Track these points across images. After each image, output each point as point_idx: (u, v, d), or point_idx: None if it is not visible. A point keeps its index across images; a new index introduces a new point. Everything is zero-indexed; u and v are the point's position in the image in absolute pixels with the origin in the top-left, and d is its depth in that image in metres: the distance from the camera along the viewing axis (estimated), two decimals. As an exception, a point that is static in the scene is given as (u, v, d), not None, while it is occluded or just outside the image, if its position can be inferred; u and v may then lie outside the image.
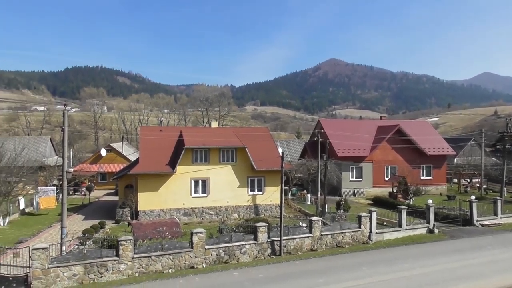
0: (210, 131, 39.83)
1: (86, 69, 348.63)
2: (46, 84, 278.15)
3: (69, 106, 23.43)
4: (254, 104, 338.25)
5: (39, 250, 18.66)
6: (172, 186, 33.66)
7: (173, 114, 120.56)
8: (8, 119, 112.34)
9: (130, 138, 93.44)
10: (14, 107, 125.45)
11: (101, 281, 19.48)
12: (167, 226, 25.97)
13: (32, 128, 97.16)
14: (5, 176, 33.62)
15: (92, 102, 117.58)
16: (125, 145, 62.37)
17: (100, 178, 56.54)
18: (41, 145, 57.53)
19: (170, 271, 21.02)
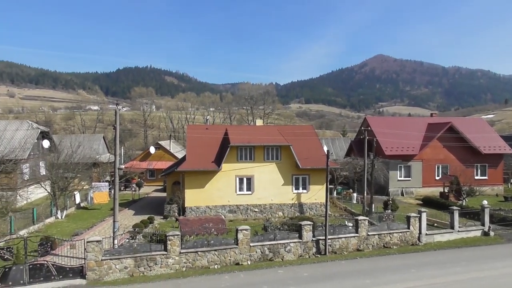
0: (255, 129, 40.04)
1: (136, 70, 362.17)
2: (99, 84, 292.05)
3: (120, 105, 24.53)
4: (298, 102, 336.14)
5: (93, 242, 19.63)
6: (218, 183, 34.21)
7: (218, 112, 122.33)
8: (65, 118, 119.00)
9: (177, 136, 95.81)
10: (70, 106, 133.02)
11: (150, 274, 20.18)
12: (213, 222, 26.45)
13: (87, 126, 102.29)
14: (62, 172, 35.67)
15: (141, 101, 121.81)
16: (172, 143, 64.11)
17: (149, 175, 58.50)
18: (95, 143, 60.46)
19: (216, 266, 21.38)
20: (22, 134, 42.44)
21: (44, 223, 32.11)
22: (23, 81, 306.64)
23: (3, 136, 36.55)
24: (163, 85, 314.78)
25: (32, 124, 46.42)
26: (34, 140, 42.79)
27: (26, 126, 44.64)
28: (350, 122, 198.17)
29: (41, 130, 46.17)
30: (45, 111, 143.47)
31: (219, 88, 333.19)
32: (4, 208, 29.92)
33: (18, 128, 43.66)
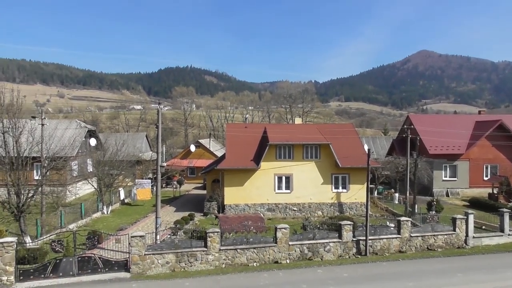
0: (294, 128, 39.87)
1: (177, 70, 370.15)
2: (142, 84, 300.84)
3: (162, 104, 25.23)
4: (338, 100, 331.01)
5: (137, 237, 20.30)
6: (257, 182, 34.37)
7: (257, 111, 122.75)
8: (110, 117, 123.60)
9: (217, 134, 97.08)
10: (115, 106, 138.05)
11: (191, 270, 20.61)
12: (252, 220, 26.62)
13: (130, 125, 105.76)
14: (108, 169, 37.14)
15: (182, 101, 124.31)
16: (212, 141, 65.05)
17: (189, 173, 59.68)
18: (138, 141, 62.42)
19: (255, 264, 21.52)
20: (71, 132, 44.53)
21: (91, 217, 33.57)
22: (72, 82, 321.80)
23: (54, 134, 38.46)
24: (203, 84, 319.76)
25: (80, 123, 48.63)
26: (82, 139, 44.83)
27: (75, 125, 46.80)
28: (391, 120, 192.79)
29: (89, 129, 48.27)
30: (92, 111, 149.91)
31: (258, 86, 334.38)
32: (55, 203, 31.48)
33: (68, 127, 45.83)
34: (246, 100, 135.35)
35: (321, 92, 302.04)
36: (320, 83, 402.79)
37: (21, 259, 20.11)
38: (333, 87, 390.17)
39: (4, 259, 18.73)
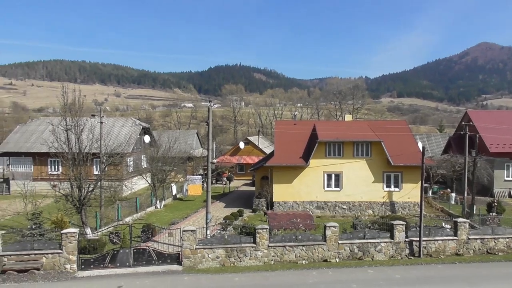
0: (344, 125, 39.16)
1: (226, 68, 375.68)
2: (193, 83, 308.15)
3: (212, 102, 25.68)
4: (390, 96, 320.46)
5: (189, 232, 20.92)
6: (305, 179, 34.17)
7: (306, 108, 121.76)
8: (163, 115, 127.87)
9: (266, 131, 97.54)
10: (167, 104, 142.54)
11: (240, 265, 20.92)
12: (300, 218, 26.54)
13: (182, 123, 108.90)
14: (161, 165, 38.52)
15: (231, 98, 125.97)
16: (261, 138, 65.42)
17: (238, 169, 60.48)
18: (189, 138, 64.16)
19: (303, 262, 21.45)
20: (127, 130, 46.62)
21: (145, 211, 35.00)
22: (127, 82, 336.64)
23: (112, 132, 40.46)
24: (252, 82, 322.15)
25: (135, 121, 50.78)
26: (137, 136, 46.81)
27: (130, 123, 48.94)
28: (447, 116, 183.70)
29: (143, 126, 50.28)
30: (146, 109, 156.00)
31: (306, 83, 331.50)
32: (113, 196, 33.16)
33: (124, 124, 48.04)
34: (295, 97, 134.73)
35: (372, 88, 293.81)
36: (371, 79, 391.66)
37: (83, 249, 21.37)
38: (385, 82, 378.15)
39: (68, 249, 20.03)
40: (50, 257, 20.10)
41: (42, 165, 44.88)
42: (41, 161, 44.28)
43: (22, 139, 47.36)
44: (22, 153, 45.77)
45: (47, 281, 18.89)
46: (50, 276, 19.41)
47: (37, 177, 44.25)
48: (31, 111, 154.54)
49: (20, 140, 47.21)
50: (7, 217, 31.61)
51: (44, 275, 19.48)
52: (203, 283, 18.60)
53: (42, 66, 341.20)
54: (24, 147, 45.99)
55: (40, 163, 44.78)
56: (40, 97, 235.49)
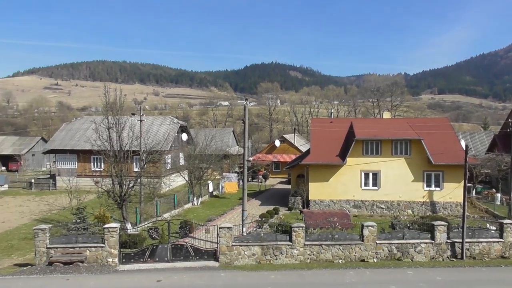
0: (382, 122, 38.30)
1: (262, 66, 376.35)
2: (229, 81, 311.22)
3: (248, 100, 26.04)
4: (431, 92, 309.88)
5: (225, 229, 21.16)
6: (342, 178, 33.71)
7: (342, 105, 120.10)
8: (200, 113, 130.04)
9: (301, 129, 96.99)
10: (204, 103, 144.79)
11: (276, 263, 20.94)
12: (337, 216, 26.23)
13: (218, 121, 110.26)
14: (198, 163, 39.17)
15: (267, 96, 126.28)
16: (296, 136, 65.12)
17: (274, 167, 60.45)
18: (225, 136, 64.84)
19: (340, 261, 21.19)
20: (165, 128, 47.72)
21: (183, 208, 35.72)
22: (165, 81, 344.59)
23: (151, 130, 41.56)
24: (287, 79, 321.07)
25: (173, 119, 51.91)
26: (175, 134, 47.84)
27: (169, 121, 50.08)
28: (492, 113, 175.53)
29: (181, 124, 51.32)
30: (183, 107, 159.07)
31: (343, 80, 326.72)
32: (151, 193, 34.11)
33: (162, 123, 49.22)
34: (331, 95, 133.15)
35: (412, 85, 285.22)
36: (410, 75, 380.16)
37: (123, 244, 22.09)
38: (425, 79, 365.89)
39: (110, 243, 20.77)
40: (93, 250, 20.92)
41: (86, 162, 46.81)
42: (85, 158, 46.15)
43: (67, 137, 49.54)
44: (67, 151, 47.88)
45: (91, 273, 19.69)
46: (94, 268, 20.21)
47: (81, 174, 46.21)
48: (75, 110, 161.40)
49: (65, 138, 49.40)
50: (53, 211, 33.25)
51: (88, 267, 20.31)
52: (239, 279, 18.77)
53: (85, 67, 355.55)
54: (69, 145, 48.08)
55: (83, 160, 46.71)
56: (83, 97, 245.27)
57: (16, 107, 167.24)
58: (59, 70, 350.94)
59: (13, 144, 70.27)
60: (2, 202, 40.99)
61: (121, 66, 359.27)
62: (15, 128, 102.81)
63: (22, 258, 23.04)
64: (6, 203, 40.27)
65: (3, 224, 31.80)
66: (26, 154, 68.21)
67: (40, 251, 20.80)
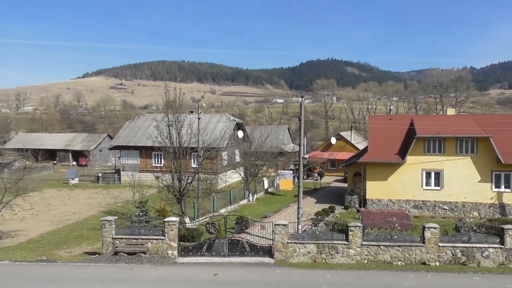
0: (445, 119, 36.40)
1: (317, 62, 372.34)
2: (284, 78, 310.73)
3: (303, 97, 25.90)
4: (500, 87, 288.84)
5: (280, 226, 21.20)
6: (402, 177, 32.48)
7: (402, 102, 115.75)
8: (255, 111, 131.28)
9: (358, 127, 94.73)
10: (259, 100, 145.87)
11: (332, 262, 20.65)
12: (396, 217, 25.36)
13: (273, 118, 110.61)
14: (253, 160, 39.63)
15: (322, 93, 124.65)
16: (353, 134, 63.70)
17: (329, 165, 59.57)
18: (280, 133, 64.87)
19: (399, 263, 20.45)
20: (222, 125, 48.73)
21: (238, 204, 36.30)
22: (222, 79, 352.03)
23: (208, 127, 42.55)
24: (344, 76, 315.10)
25: (230, 117, 52.84)
26: (231, 131, 48.71)
27: (225, 118, 51.05)
28: None
29: (236, 122, 52.14)
30: (239, 105, 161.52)
31: (403, 76, 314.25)
32: (208, 189, 35.04)
33: (219, 120, 50.27)
34: (390, 91, 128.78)
35: (479, 79, 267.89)
36: (477, 69, 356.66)
37: (182, 237, 22.84)
38: (494, 72, 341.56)
39: (170, 236, 21.62)
40: (154, 242, 21.88)
41: (147, 158, 49.02)
42: (147, 154, 48.35)
43: (130, 134, 52.16)
44: (131, 147, 50.44)
45: (152, 264, 20.63)
46: (155, 260, 21.15)
47: (143, 169, 48.42)
48: (138, 109, 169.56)
49: (129, 135, 52.04)
50: (118, 204, 35.20)
51: (149, 258, 21.29)
52: (294, 277, 18.75)
53: (147, 67, 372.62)
54: (132, 141, 50.60)
55: (145, 156, 48.96)
56: (145, 96, 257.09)
57: (85, 106, 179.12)
58: (123, 71, 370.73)
59: (82, 140, 75.29)
60: (73, 194, 44.11)
61: (180, 66, 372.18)
62: (84, 126, 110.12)
63: (91, 247, 24.63)
64: (76, 195, 43.28)
65: (74, 215, 34.22)
66: (94, 150, 72.76)
67: (107, 241, 22.11)
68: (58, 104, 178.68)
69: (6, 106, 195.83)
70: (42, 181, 42.48)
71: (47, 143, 74.99)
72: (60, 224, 31.32)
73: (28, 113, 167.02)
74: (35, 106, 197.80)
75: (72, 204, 38.77)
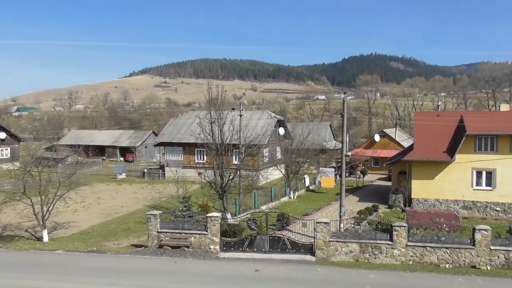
0: (499, 116, 34.52)
1: (360, 58, 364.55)
2: (326, 75, 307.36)
3: (346, 94, 25.55)
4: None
5: (322, 224, 21.01)
6: (450, 176, 31.18)
7: (450, 97, 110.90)
8: (296, 108, 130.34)
9: (403, 124, 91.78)
10: (300, 97, 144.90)
11: (375, 262, 20.21)
12: (444, 217, 24.41)
13: (315, 115, 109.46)
14: (295, 157, 39.44)
15: (366, 89, 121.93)
16: (398, 131, 61.80)
17: (373, 163, 58.21)
18: (322, 130, 64.12)
19: (447, 266, 19.67)
20: (263, 122, 48.83)
21: (279, 201, 36.30)
22: (263, 76, 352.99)
23: (249, 124, 42.84)
24: (388, 71, 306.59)
25: (271, 113, 52.89)
26: (272, 128, 48.74)
27: (266, 115, 51.14)
28: None
29: (278, 119, 52.08)
30: (280, 102, 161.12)
31: (451, 70, 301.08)
32: (250, 185, 35.29)
33: (260, 117, 50.43)
34: (438, 86, 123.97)
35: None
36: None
37: (224, 232, 23.17)
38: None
39: (212, 231, 21.99)
40: (197, 237, 22.34)
41: (190, 154, 50.06)
42: (190, 150, 49.38)
43: (174, 131, 53.47)
44: (175, 144, 51.71)
45: (195, 258, 21.10)
46: (198, 254, 21.61)
47: (186, 165, 49.49)
48: (181, 106, 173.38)
49: (172, 132, 53.38)
50: (163, 199, 36.24)
51: (192, 252, 21.79)
52: (336, 276, 18.53)
53: (190, 65, 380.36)
54: (176, 138, 51.84)
55: (188, 153, 50.01)
56: (188, 93, 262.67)
57: (131, 104, 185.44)
58: (167, 69, 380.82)
59: (129, 137, 78.10)
60: (121, 188, 45.90)
61: (222, 64, 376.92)
62: (130, 123, 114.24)
63: (137, 240, 25.55)
64: (124, 190, 45.00)
65: (122, 208, 35.62)
66: (140, 146, 75.27)
67: (152, 235, 22.84)
68: (107, 102, 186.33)
69: (59, 105, 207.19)
70: (92, 176, 44.43)
71: (97, 139, 78.51)
72: (108, 217, 32.72)
73: (80, 111, 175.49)
74: (86, 104, 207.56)
75: (119, 198, 40.36)
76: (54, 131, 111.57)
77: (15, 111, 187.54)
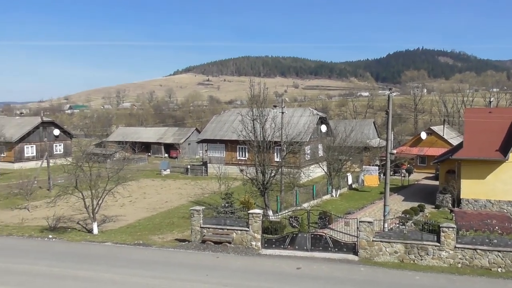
0: (558, 112, 32.31)
1: (406, 53, 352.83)
2: (369, 71, 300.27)
3: (391, 90, 24.87)
4: None
5: (365, 223, 20.59)
6: (503, 175, 29.57)
7: (504, 93, 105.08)
8: (339, 105, 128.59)
9: (452, 121, 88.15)
10: (343, 94, 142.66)
11: (421, 264, 19.56)
12: (496, 219, 23.23)
13: (358, 112, 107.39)
14: (337, 155, 38.86)
15: (412, 85, 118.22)
16: (446, 128, 59.39)
17: (419, 161, 56.25)
18: (365, 128, 62.74)
19: (499, 270, 18.70)
20: (305, 119, 48.51)
21: (321, 199, 35.94)
22: (305, 73, 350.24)
23: (291, 121, 42.61)
24: (435, 66, 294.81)
25: (313, 111, 52.38)
26: (314, 125, 48.30)
27: (308, 112, 50.73)
28: None
29: (320, 116, 51.52)
30: (322, 99, 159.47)
31: (505, 65, 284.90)
32: (291, 183, 35.17)
33: (302, 114, 50.11)
34: (490, 81, 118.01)
35: None
36: None
37: (265, 229, 23.25)
38: None
39: (254, 227, 22.16)
40: (239, 233, 22.58)
41: (232, 151, 50.59)
42: (232, 147, 49.91)
43: (216, 128, 54.24)
44: (217, 141, 52.47)
45: (237, 254, 21.36)
46: (239, 250, 21.85)
47: (229, 162, 50.08)
48: (223, 103, 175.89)
49: (215, 129, 54.17)
50: (205, 195, 36.98)
51: (234, 248, 22.06)
52: (380, 276, 18.13)
53: (232, 63, 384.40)
54: (218, 135, 52.59)
55: (231, 150, 50.57)
56: (230, 91, 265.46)
57: (175, 101, 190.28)
58: (210, 67, 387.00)
59: (173, 134, 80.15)
60: (165, 184, 47.23)
61: (263, 61, 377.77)
62: (174, 120, 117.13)
63: (181, 234, 26.20)
64: (168, 186, 46.27)
65: (166, 203, 36.66)
66: (183, 143, 77.05)
67: (195, 230, 23.35)
68: (152, 100, 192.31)
69: (108, 103, 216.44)
70: (138, 171, 46.06)
71: (143, 136, 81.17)
72: (154, 211, 33.78)
73: (127, 108, 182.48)
74: (132, 102, 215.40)
75: (164, 193, 41.53)
76: (103, 128, 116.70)
77: (67, 109, 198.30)
